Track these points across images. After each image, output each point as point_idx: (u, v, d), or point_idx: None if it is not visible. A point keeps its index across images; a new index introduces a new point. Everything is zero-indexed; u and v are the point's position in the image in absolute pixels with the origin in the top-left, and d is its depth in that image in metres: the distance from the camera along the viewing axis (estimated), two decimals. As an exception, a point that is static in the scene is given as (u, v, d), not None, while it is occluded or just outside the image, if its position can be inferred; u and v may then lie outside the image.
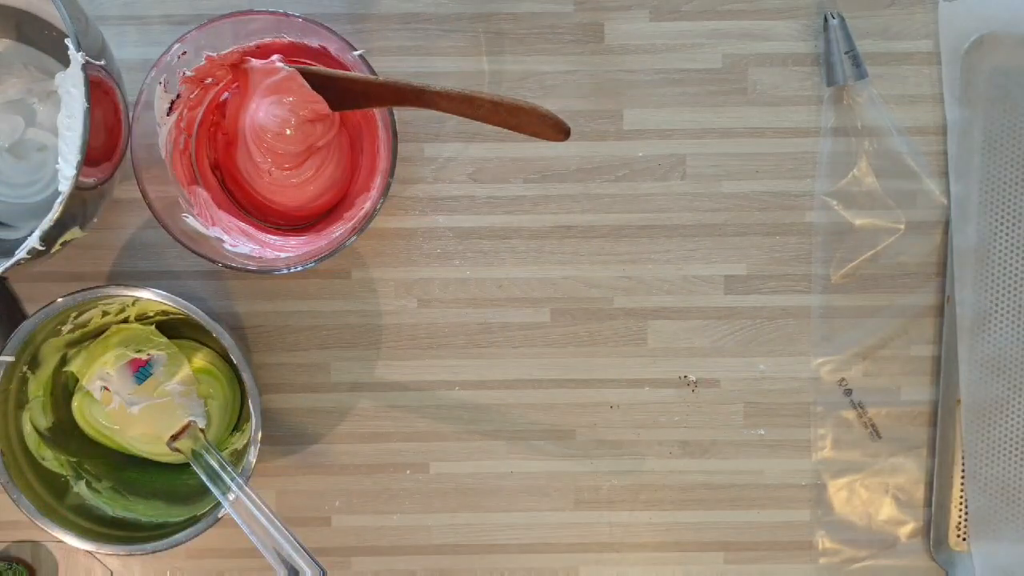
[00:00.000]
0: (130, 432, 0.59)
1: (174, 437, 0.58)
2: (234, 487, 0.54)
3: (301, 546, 0.52)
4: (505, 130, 0.53)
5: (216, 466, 0.55)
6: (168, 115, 0.57)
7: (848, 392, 0.64)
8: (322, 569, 0.52)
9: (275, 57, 0.57)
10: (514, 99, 0.52)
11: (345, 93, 0.56)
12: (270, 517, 0.53)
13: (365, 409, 0.64)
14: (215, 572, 0.64)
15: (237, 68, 0.58)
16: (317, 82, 0.56)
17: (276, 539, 0.52)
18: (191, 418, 0.58)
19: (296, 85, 0.56)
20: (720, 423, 0.64)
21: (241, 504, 0.53)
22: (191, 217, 0.58)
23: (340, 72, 0.56)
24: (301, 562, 0.52)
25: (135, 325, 0.61)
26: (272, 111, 0.57)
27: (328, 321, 0.64)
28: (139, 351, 0.59)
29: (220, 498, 0.54)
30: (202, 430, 0.58)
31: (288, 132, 0.57)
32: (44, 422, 0.59)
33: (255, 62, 0.57)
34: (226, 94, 0.60)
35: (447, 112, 0.53)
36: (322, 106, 0.56)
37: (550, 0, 0.63)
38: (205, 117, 0.60)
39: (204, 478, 0.55)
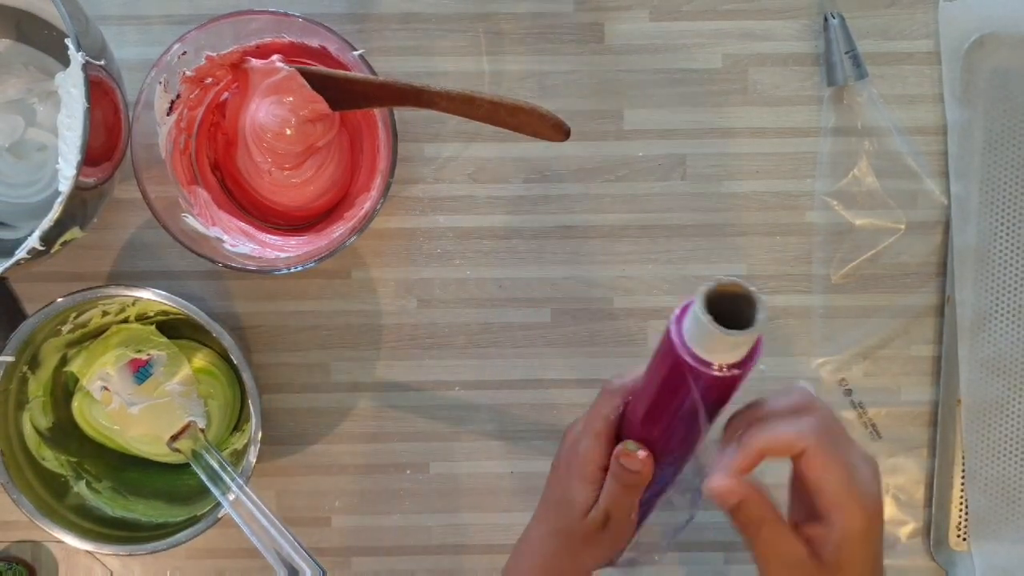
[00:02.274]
0: (130, 432, 0.59)
1: (174, 437, 0.58)
2: (234, 487, 0.54)
3: (301, 546, 0.52)
4: (505, 130, 0.53)
5: (216, 466, 0.55)
6: (168, 115, 0.57)
7: (848, 392, 0.64)
8: (322, 569, 0.52)
9: (275, 57, 0.57)
10: (514, 99, 0.52)
11: (345, 93, 0.56)
12: (270, 517, 0.53)
13: (365, 409, 0.64)
14: (215, 572, 0.64)
15: (237, 68, 0.58)
16: (317, 82, 0.56)
17: (276, 539, 0.52)
18: (191, 418, 0.58)
19: (296, 85, 0.56)
20: (720, 423, 0.64)
21: (241, 504, 0.53)
22: (191, 217, 0.58)
23: (340, 72, 0.56)
24: (301, 562, 0.52)
25: (135, 325, 0.61)
26: (272, 111, 0.57)
27: (328, 321, 0.64)
28: (139, 351, 0.59)
29: (220, 498, 0.54)
30: (202, 430, 0.58)
31: (288, 132, 0.57)
32: (44, 422, 0.59)
33: (255, 62, 0.57)
34: (226, 94, 0.60)
35: (447, 112, 0.53)
36: (322, 106, 0.56)
37: (550, 0, 0.63)
38: (205, 117, 0.60)
39: (204, 478, 0.55)
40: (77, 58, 0.50)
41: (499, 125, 0.53)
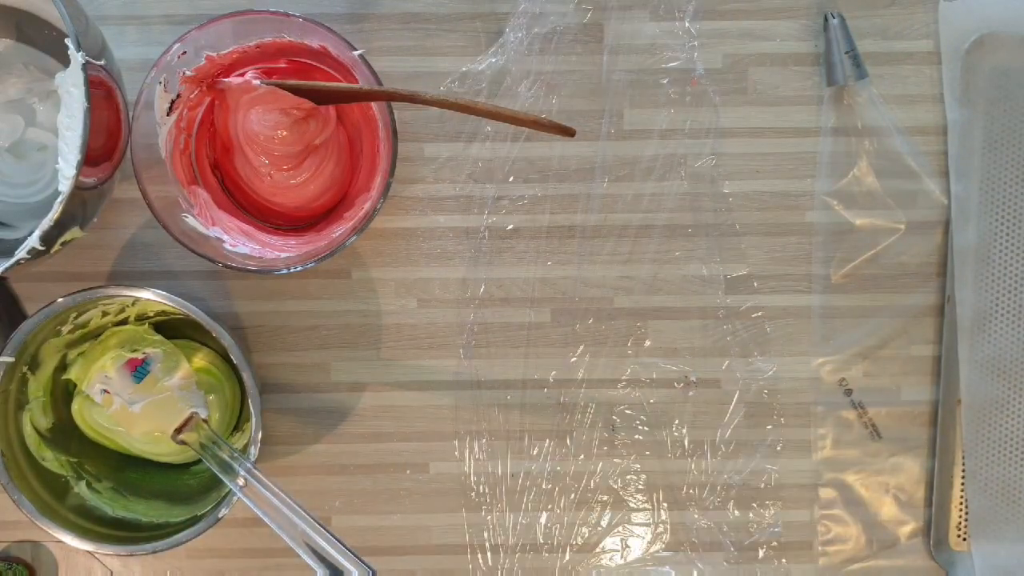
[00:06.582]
0: (135, 431, 0.58)
1: (178, 430, 0.57)
2: (242, 471, 0.53)
3: (320, 524, 0.51)
4: (505, 130, 0.53)
5: (226, 456, 0.55)
6: (168, 115, 0.57)
7: (848, 392, 0.64)
8: (371, 569, 0.51)
9: (249, 75, 0.57)
10: (513, 112, 0.51)
11: (330, 96, 0.56)
12: (292, 506, 0.52)
13: (365, 409, 0.64)
14: (215, 572, 0.64)
15: (213, 88, 0.58)
16: (301, 94, 0.55)
17: (307, 532, 0.51)
18: (193, 409, 0.58)
19: (277, 95, 0.56)
20: (720, 423, 0.64)
21: (255, 492, 0.52)
22: (191, 217, 0.57)
23: (323, 84, 0.55)
24: (339, 556, 0.50)
25: (129, 327, 0.60)
26: (262, 117, 0.57)
27: (328, 321, 0.64)
28: (135, 351, 0.59)
29: (232, 487, 0.53)
30: (205, 420, 0.58)
31: (282, 134, 0.57)
32: (44, 423, 0.59)
33: (229, 81, 0.57)
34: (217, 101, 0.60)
35: (442, 108, 0.53)
36: (309, 104, 0.56)
37: (550, 0, 0.63)
38: (205, 117, 0.60)
39: (215, 469, 0.54)
40: (77, 58, 0.50)
41: (501, 121, 0.52)
